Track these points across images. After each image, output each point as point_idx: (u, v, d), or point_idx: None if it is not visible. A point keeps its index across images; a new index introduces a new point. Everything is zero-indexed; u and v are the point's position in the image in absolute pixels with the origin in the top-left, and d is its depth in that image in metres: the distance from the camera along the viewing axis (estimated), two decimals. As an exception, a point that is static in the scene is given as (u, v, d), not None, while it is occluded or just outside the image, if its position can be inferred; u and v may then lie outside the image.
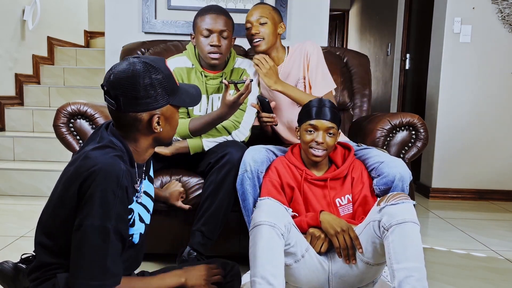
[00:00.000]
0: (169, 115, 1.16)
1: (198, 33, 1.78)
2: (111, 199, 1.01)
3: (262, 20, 1.82)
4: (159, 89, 1.10)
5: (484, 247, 2.29)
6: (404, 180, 1.51)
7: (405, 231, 1.26)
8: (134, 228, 1.17)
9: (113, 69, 1.10)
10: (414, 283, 1.21)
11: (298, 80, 1.90)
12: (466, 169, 3.36)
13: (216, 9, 1.78)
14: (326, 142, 1.50)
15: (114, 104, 1.09)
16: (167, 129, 1.17)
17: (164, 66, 1.13)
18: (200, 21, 1.77)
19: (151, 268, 1.49)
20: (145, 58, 1.12)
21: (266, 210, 1.33)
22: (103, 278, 1.01)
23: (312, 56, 1.88)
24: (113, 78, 1.08)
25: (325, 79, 1.89)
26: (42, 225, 1.12)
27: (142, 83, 1.07)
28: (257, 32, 1.83)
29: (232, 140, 1.81)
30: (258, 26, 1.83)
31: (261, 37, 1.84)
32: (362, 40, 5.90)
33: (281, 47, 1.95)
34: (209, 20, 1.75)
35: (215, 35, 1.75)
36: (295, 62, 1.92)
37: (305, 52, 1.89)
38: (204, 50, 1.77)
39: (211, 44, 1.75)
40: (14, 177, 3.00)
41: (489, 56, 3.28)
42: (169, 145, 1.26)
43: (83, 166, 1.03)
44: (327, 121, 1.50)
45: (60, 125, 1.83)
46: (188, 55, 1.89)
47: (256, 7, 1.87)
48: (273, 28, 1.85)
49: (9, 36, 3.72)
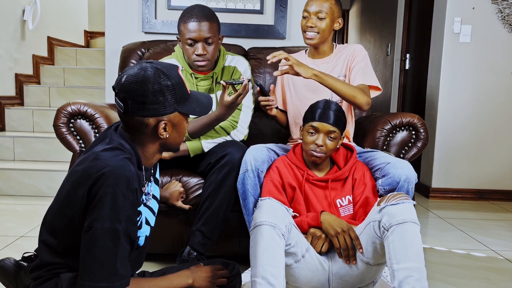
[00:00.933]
0: (177, 122, 1.16)
1: (182, 41, 1.74)
2: (121, 202, 1.01)
3: (321, 15, 1.74)
4: (168, 95, 1.10)
5: (484, 247, 2.29)
6: (409, 182, 1.51)
7: (405, 231, 1.26)
8: (140, 230, 1.17)
9: (125, 72, 1.11)
10: (414, 283, 1.21)
11: (339, 76, 1.83)
12: (466, 169, 3.36)
13: (198, 15, 1.71)
14: (326, 145, 1.50)
15: (123, 107, 1.10)
16: (174, 136, 1.17)
17: (176, 73, 1.13)
18: (183, 28, 1.72)
19: (151, 268, 1.49)
20: (158, 63, 1.12)
21: (266, 210, 1.33)
22: (112, 280, 1.01)
23: (358, 57, 1.82)
24: (123, 81, 1.09)
25: (364, 72, 1.82)
26: (47, 224, 1.12)
27: (151, 88, 1.08)
28: (313, 26, 1.75)
29: (232, 140, 1.81)
30: (316, 20, 1.75)
31: (316, 32, 1.76)
32: (362, 40, 5.90)
33: (331, 41, 1.87)
34: (192, 28, 1.70)
35: (199, 44, 1.72)
36: (340, 59, 1.86)
37: (353, 52, 1.84)
38: (191, 58, 1.76)
39: (196, 54, 1.73)
40: (14, 177, 3.00)
41: (489, 56, 3.28)
42: (176, 151, 1.25)
43: (93, 167, 1.03)
44: (329, 124, 1.49)
45: (60, 125, 1.83)
46: (176, 57, 1.87)
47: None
48: (330, 24, 1.77)
49: (9, 36, 3.72)
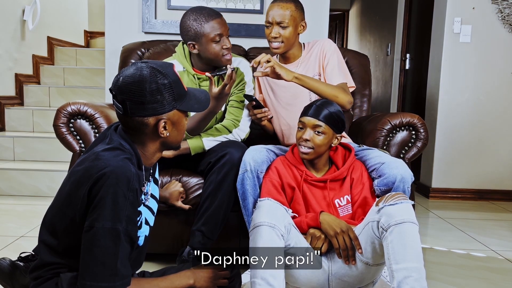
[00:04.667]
0: (176, 120, 1.16)
1: (207, 40, 1.73)
2: (122, 202, 1.01)
3: (283, 24, 1.75)
4: (166, 94, 1.10)
5: (484, 247, 2.29)
6: (405, 181, 1.51)
7: (403, 232, 1.26)
8: (140, 230, 1.17)
9: (121, 73, 1.11)
10: (413, 283, 1.21)
11: (314, 76, 1.84)
12: (466, 169, 3.36)
13: (217, 13, 1.77)
14: (312, 140, 1.49)
15: (121, 109, 1.10)
16: (174, 134, 1.17)
17: (172, 71, 1.13)
18: (209, 26, 1.72)
19: (151, 268, 1.49)
20: (153, 63, 1.12)
21: (266, 211, 1.33)
22: (113, 280, 1.01)
23: (328, 53, 1.83)
24: (120, 82, 1.09)
25: (340, 70, 1.83)
26: (47, 223, 1.12)
27: (149, 88, 1.08)
28: (277, 36, 1.76)
29: (232, 140, 1.81)
30: (279, 29, 1.76)
31: (280, 41, 1.78)
32: (362, 40, 5.90)
33: (298, 44, 1.88)
34: (218, 25, 1.73)
35: (225, 38, 1.76)
36: (311, 58, 1.87)
37: (322, 49, 1.85)
38: (218, 54, 1.76)
39: (225, 48, 1.75)
40: (14, 177, 3.00)
41: (489, 56, 3.28)
42: (177, 149, 1.25)
43: (94, 167, 1.03)
44: (314, 118, 1.49)
45: (60, 125, 1.84)
46: (178, 58, 1.88)
47: (278, 6, 1.76)
48: (293, 31, 1.78)
49: (9, 36, 3.72)
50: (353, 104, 2.36)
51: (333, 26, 7.24)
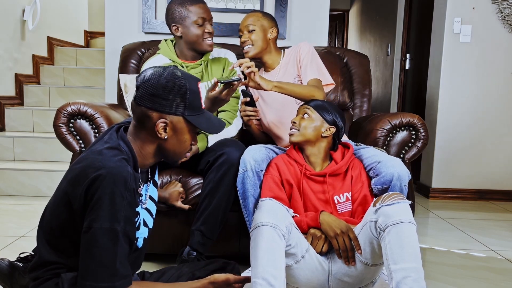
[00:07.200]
0: (179, 128, 1.14)
1: (190, 22, 1.83)
2: (119, 202, 1.01)
3: (251, 28, 1.90)
4: (178, 97, 1.11)
5: (484, 247, 2.29)
6: (402, 179, 1.51)
7: (401, 232, 1.26)
8: (138, 232, 1.17)
9: (153, 66, 1.16)
10: (411, 284, 1.21)
11: (294, 79, 1.92)
12: (466, 169, 3.36)
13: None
14: (299, 123, 1.57)
15: (135, 94, 1.13)
16: (173, 141, 1.15)
17: (195, 83, 1.15)
18: (194, 9, 1.83)
19: (151, 268, 1.49)
20: (181, 71, 1.15)
21: (267, 211, 1.33)
22: (112, 280, 1.01)
23: (303, 53, 1.90)
24: (145, 71, 1.13)
25: (312, 67, 1.87)
26: (45, 223, 1.12)
27: (164, 82, 1.10)
28: (246, 40, 1.91)
29: (230, 138, 1.83)
30: (247, 34, 1.91)
31: (250, 44, 1.91)
32: (362, 40, 5.90)
33: (275, 50, 1.99)
34: (202, 10, 1.84)
35: (208, 23, 1.86)
36: (290, 62, 1.95)
37: (298, 50, 1.93)
38: (200, 37, 1.85)
39: (207, 32, 1.86)
40: (14, 177, 3.00)
41: (489, 56, 3.28)
42: (174, 165, 1.24)
43: (91, 166, 1.03)
44: (305, 104, 1.61)
45: (60, 125, 1.84)
46: (163, 53, 1.93)
47: (246, 16, 1.95)
48: (262, 35, 1.91)
49: (9, 36, 3.72)
50: (353, 104, 2.37)
51: (333, 26, 7.24)
